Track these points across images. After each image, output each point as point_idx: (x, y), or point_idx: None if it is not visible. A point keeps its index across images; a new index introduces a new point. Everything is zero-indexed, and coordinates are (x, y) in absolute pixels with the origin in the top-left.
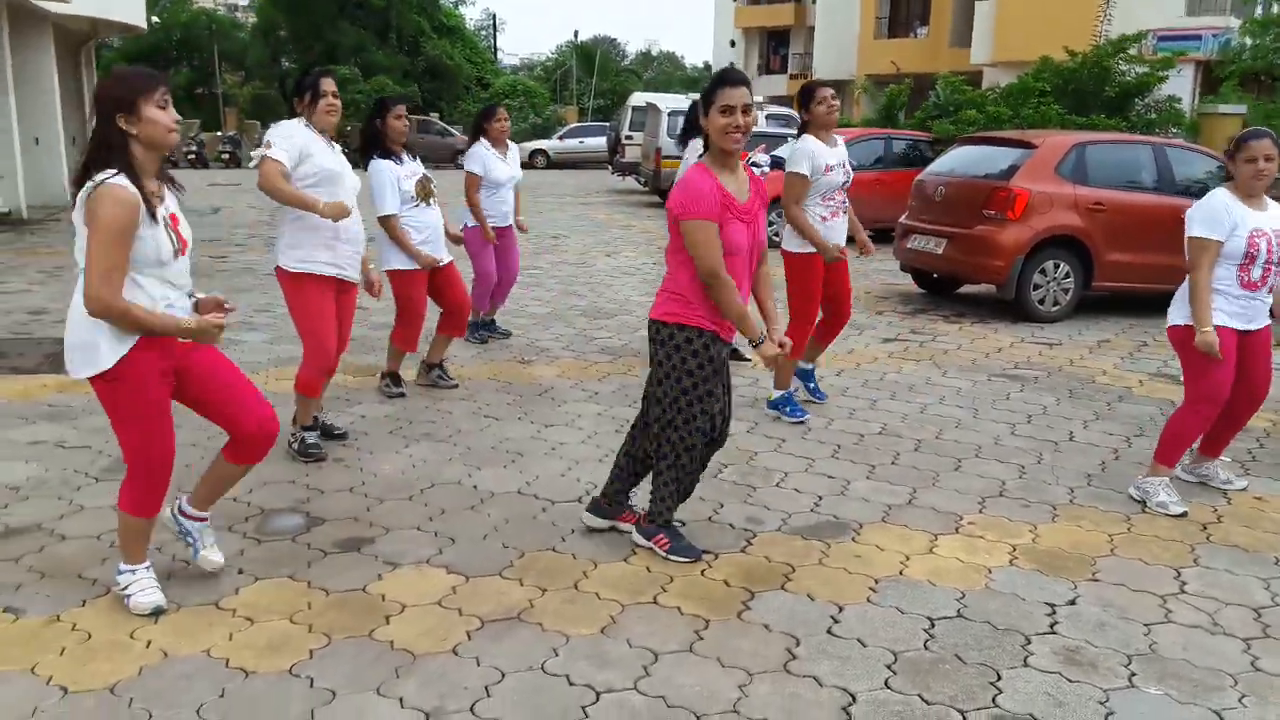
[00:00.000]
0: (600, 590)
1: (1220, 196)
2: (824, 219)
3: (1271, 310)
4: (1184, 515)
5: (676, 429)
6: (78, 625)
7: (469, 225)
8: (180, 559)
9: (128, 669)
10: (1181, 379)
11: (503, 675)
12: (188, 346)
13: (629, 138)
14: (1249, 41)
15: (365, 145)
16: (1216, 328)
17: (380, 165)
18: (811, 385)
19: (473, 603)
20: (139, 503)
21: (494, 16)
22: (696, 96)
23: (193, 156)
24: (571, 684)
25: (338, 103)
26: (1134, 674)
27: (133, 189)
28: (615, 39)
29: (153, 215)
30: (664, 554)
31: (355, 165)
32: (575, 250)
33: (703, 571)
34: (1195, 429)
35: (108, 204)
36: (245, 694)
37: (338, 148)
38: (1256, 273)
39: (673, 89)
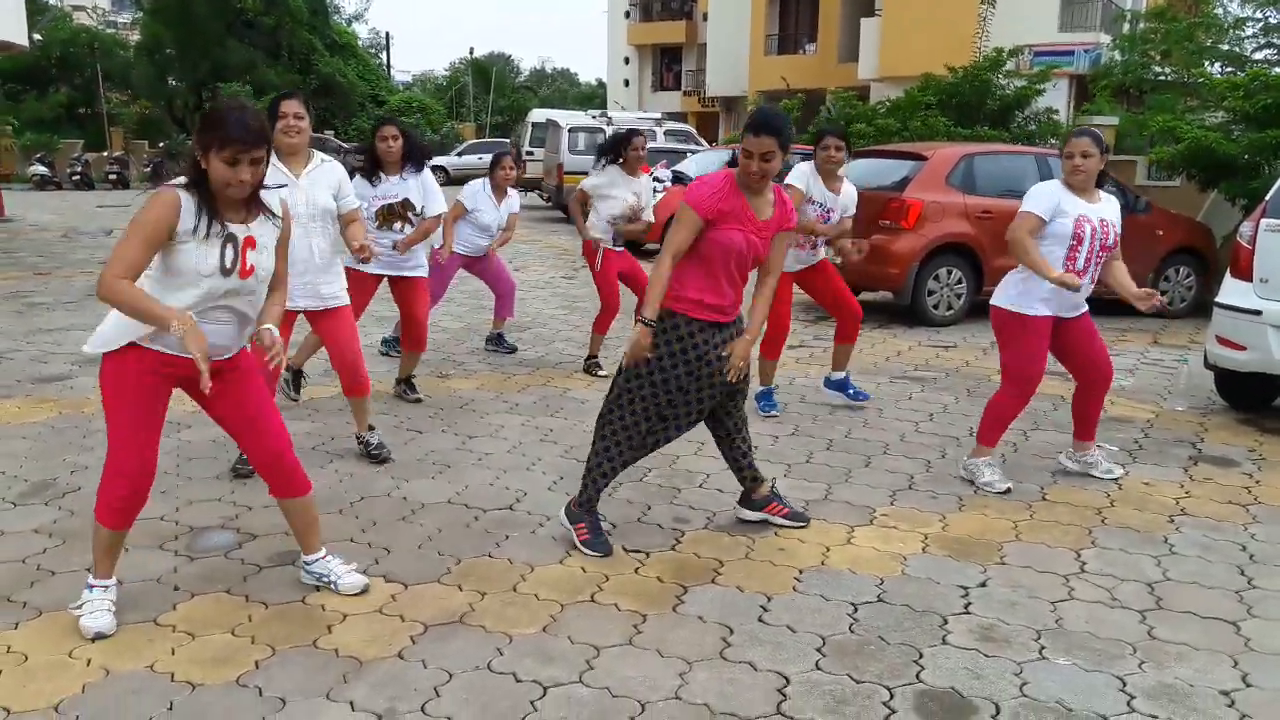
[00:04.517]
0: (539, 591)
1: (1051, 183)
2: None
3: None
4: (1008, 493)
5: None
6: (12, 647)
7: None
8: None
9: (70, 687)
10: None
11: (450, 676)
12: (217, 365)
13: (530, 153)
14: (1119, 56)
15: (368, 163)
16: (1036, 318)
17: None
18: (850, 391)
19: (414, 609)
20: (107, 508)
21: (387, 34)
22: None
23: (77, 178)
24: (519, 681)
25: (300, 123)
26: (1044, 647)
27: (180, 194)
28: (510, 56)
29: (207, 230)
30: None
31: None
32: None
33: (636, 569)
34: (1012, 409)
35: (150, 203)
36: (194, 706)
37: (319, 161)
38: (1081, 259)
39: (568, 105)
